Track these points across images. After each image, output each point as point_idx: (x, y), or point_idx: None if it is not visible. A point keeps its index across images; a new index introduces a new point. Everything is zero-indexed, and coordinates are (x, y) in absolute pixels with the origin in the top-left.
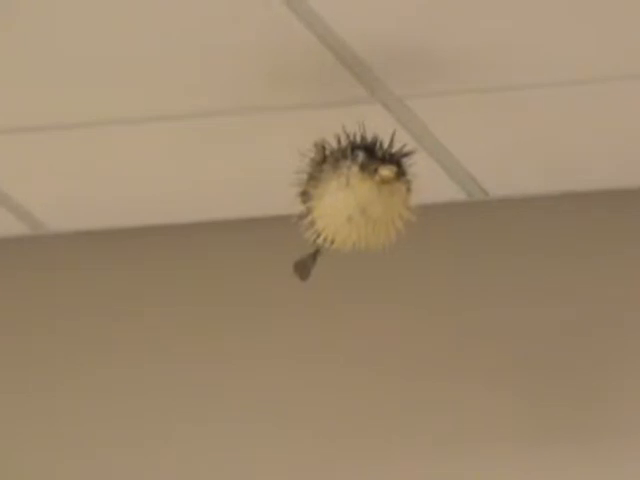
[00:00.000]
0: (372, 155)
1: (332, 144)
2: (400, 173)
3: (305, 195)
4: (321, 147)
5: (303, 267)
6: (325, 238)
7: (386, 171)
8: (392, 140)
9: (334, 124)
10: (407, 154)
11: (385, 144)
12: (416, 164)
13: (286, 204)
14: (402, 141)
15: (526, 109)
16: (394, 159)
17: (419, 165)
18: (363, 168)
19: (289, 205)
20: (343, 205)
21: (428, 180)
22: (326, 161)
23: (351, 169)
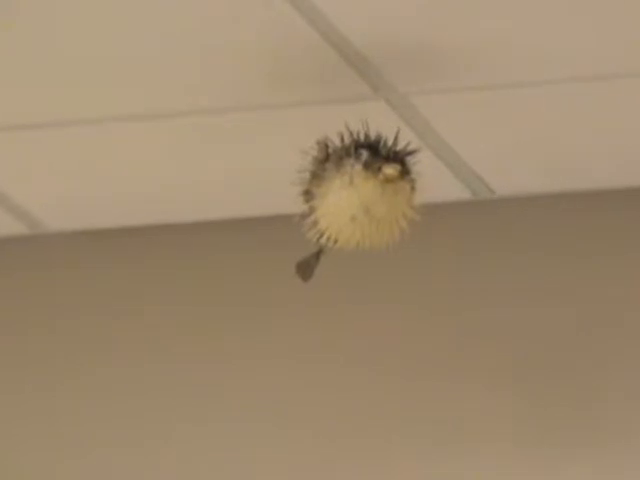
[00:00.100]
0: (376, 153)
1: (335, 142)
2: (404, 172)
3: (308, 194)
4: (324, 145)
5: (306, 267)
6: (328, 237)
7: (390, 170)
8: (396, 138)
9: (337, 122)
10: (411, 152)
11: (389, 142)
12: (420, 162)
13: (288, 203)
14: (406, 139)
15: (527, 107)
16: (398, 157)
17: (423, 163)
18: (367, 166)
19: (291, 204)
20: (346, 204)
21: (432, 178)
22: (329, 159)
23: (354, 167)
